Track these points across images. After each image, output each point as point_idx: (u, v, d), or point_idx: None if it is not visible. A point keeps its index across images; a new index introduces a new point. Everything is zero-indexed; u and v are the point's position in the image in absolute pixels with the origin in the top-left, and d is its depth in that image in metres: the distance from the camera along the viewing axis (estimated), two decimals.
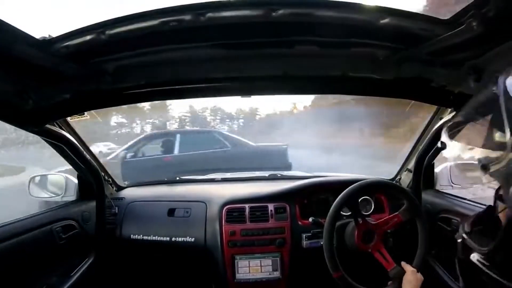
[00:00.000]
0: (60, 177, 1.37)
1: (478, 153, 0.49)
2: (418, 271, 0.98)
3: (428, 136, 1.21)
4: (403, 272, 0.98)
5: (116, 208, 1.43)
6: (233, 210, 1.31)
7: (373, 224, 1.09)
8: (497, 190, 0.50)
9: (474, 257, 0.47)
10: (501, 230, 0.44)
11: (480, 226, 0.53)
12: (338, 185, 1.26)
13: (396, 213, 1.11)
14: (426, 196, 1.35)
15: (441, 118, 1.12)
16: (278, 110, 13.77)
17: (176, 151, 4.82)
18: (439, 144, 0.88)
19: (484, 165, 0.46)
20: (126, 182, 1.66)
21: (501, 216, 0.49)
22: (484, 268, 0.45)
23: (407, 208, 1.10)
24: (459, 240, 0.54)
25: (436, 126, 1.14)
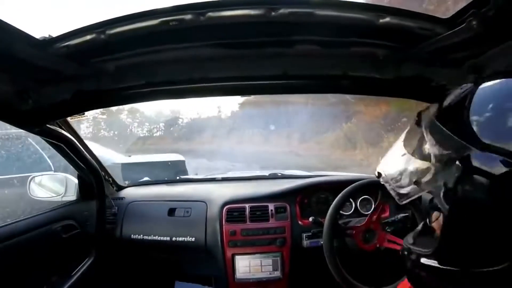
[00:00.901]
0: (61, 177, 1.37)
1: (409, 165, 0.57)
2: None
3: None
4: None
5: (116, 208, 1.43)
6: (234, 210, 1.31)
7: (379, 228, 1.10)
8: (430, 200, 0.56)
9: (424, 261, 0.53)
10: (443, 228, 0.50)
11: (420, 238, 0.60)
12: (338, 185, 1.26)
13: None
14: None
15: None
16: (203, 114, 12.88)
17: None
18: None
19: (416, 181, 0.55)
20: (126, 182, 1.66)
21: (435, 225, 0.56)
22: (434, 265, 0.51)
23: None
24: (405, 253, 0.60)
25: None
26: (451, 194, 0.47)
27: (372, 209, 1.12)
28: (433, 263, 0.51)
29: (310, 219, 1.22)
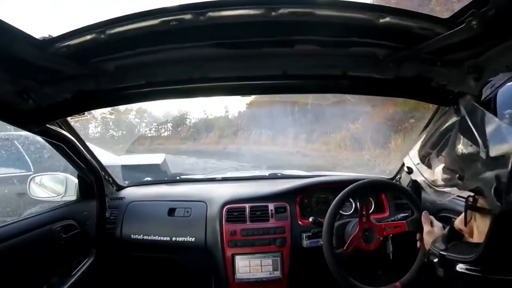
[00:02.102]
0: (60, 176, 1.37)
1: (450, 157, 0.53)
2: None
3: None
4: (418, 220, 0.93)
5: (117, 208, 1.43)
6: (234, 210, 1.31)
7: (375, 224, 1.09)
8: (470, 199, 0.52)
9: (461, 267, 0.48)
10: (492, 231, 0.44)
11: (454, 242, 0.56)
12: (338, 185, 1.26)
13: (402, 221, 1.08)
14: (426, 195, 1.35)
15: (441, 117, 1.12)
16: (210, 115, 12.69)
17: None
18: (405, 169, 0.90)
19: (460, 176, 0.48)
20: (126, 182, 1.66)
21: (466, 228, 0.53)
22: (476, 273, 0.46)
23: (415, 220, 1.04)
24: (435, 260, 0.56)
25: (435, 126, 1.14)
26: (503, 191, 0.40)
27: (362, 212, 1.10)
28: (474, 271, 0.46)
29: (310, 219, 1.22)
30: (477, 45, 0.67)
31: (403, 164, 1.47)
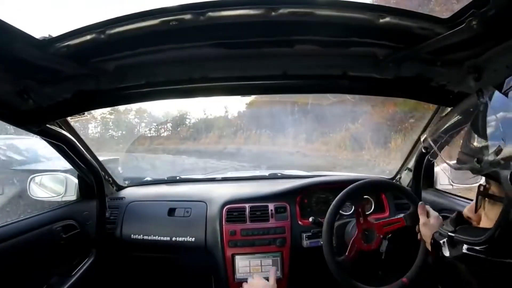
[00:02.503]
0: (61, 176, 1.37)
1: (469, 139, 0.53)
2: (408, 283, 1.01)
3: None
4: (416, 213, 0.96)
5: (117, 208, 1.43)
6: (234, 210, 1.31)
7: (373, 224, 1.09)
8: (482, 187, 0.54)
9: (468, 249, 0.51)
10: (501, 215, 0.46)
11: (463, 225, 0.59)
12: (338, 185, 1.26)
13: (400, 216, 1.09)
14: (427, 195, 1.35)
15: (441, 117, 1.12)
16: (210, 115, 12.65)
17: None
18: (422, 149, 0.92)
19: (478, 159, 0.48)
20: (126, 182, 1.66)
21: (475, 215, 0.56)
22: (482, 255, 0.48)
23: (412, 213, 1.05)
24: (442, 241, 0.58)
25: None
26: None
27: (358, 212, 1.10)
28: (481, 253, 0.48)
29: (310, 219, 1.22)
30: (477, 45, 0.67)
31: (403, 164, 1.48)
